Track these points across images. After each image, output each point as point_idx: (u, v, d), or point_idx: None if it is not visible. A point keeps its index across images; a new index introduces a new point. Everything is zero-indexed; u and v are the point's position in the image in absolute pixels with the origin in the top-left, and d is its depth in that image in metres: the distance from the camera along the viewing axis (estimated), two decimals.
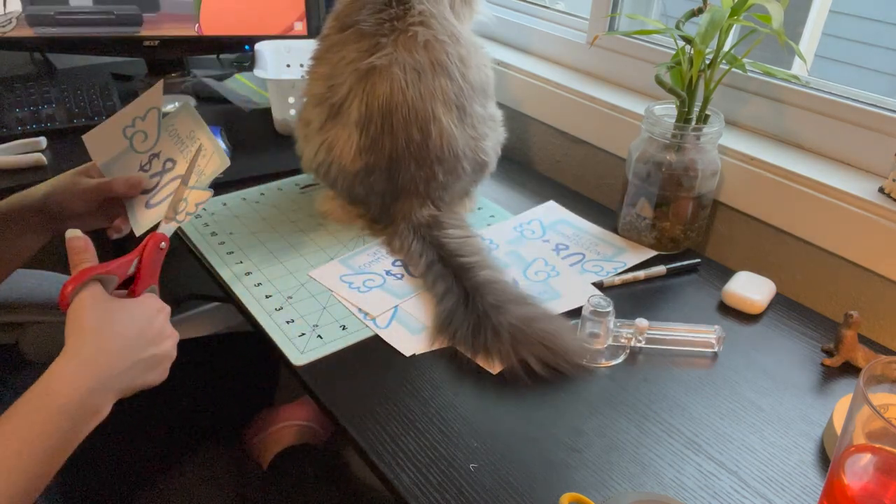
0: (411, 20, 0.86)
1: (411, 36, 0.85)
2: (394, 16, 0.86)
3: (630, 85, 1.11)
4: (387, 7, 0.86)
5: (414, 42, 0.85)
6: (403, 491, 0.60)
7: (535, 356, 0.72)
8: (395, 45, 0.85)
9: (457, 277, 0.80)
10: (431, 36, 0.86)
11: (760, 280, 0.87)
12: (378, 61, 0.85)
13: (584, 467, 0.63)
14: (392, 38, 0.85)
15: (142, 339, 0.62)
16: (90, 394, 0.57)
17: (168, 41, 1.30)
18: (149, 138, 0.76)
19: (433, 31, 0.86)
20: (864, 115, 0.85)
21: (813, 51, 1.23)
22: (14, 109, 1.15)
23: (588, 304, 0.75)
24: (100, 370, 0.58)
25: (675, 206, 0.90)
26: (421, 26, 0.86)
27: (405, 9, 0.86)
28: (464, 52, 0.89)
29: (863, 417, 0.48)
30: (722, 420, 0.68)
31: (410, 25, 0.86)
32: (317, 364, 0.73)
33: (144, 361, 0.62)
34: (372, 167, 0.88)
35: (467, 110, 0.89)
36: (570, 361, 0.73)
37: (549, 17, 1.27)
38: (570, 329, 0.76)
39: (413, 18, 0.86)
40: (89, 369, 0.57)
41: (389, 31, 0.86)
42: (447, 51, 0.87)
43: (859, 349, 0.75)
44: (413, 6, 0.86)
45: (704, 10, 0.83)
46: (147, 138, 0.76)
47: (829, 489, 0.53)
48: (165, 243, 0.69)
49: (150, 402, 0.97)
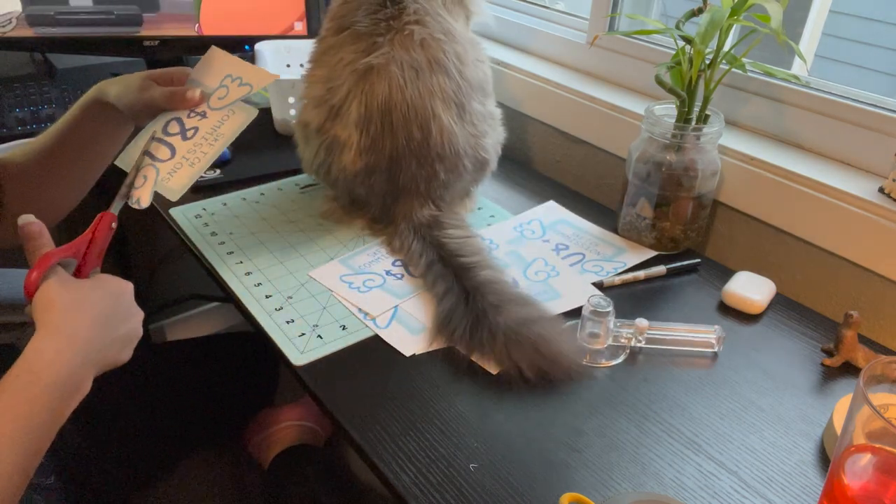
0: (407, 19, 0.86)
1: (407, 34, 0.85)
2: (389, 15, 0.86)
3: (630, 85, 1.11)
4: (381, 7, 0.86)
5: (410, 40, 0.85)
6: (403, 491, 0.60)
7: (528, 359, 0.72)
8: (392, 44, 0.85)
9: (457, 277, 0.80)
10: (427, 34, 0.86)
11: (760, 280, 0.87)
12: (375, 60, 0.85)
13: (584, 467, 0.63)
14: (388, 37, 0.85)
15: (114, 316, 0.63)
16: (73, 370, 0.58)
17: (168, 41, 1.30)
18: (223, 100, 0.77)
19: (429, 29, 0.86)
20: (864, 115, 0.85)
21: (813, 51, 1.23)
22: (14, 109, 1.15)
23: (588, 303, 0.75)
24: (80, 347, 0.59)
25: (675, 206, 0.90)
26: (416, 25, 0.86)
27: (399, 8, 0.86)
28: (460, 49, 0.89)
29: (863, 417, 0.48)
30: (722, 420, 0.68)
31: (406, 24, 0.86)
32: (317, 364, 0.73)
33: (119, 339, 0.63)
34: (372, 167, 0.88)
35: (466, 108, 0.89)
36: (563, 367, 0.72)
37: (549, 17, 1.27)
38: (568, 333, 0.76)
39: (408, 17, 0.86)
40: (70, 346, 0.58)
41: (385, 30, 0.86)
42: (444, 48, 0.87)
43: (859, 349, 0.75)
44: (407, 5, 0.86)
45: (704, 10, 0.83)
46: (223, 99, 0.77)
47: (829, 489, 0.53)
48: (115, 223, 0.69)
49: (149, 403, 0.98)
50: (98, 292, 0.63)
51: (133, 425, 0.93)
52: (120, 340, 0.63)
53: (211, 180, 1.05)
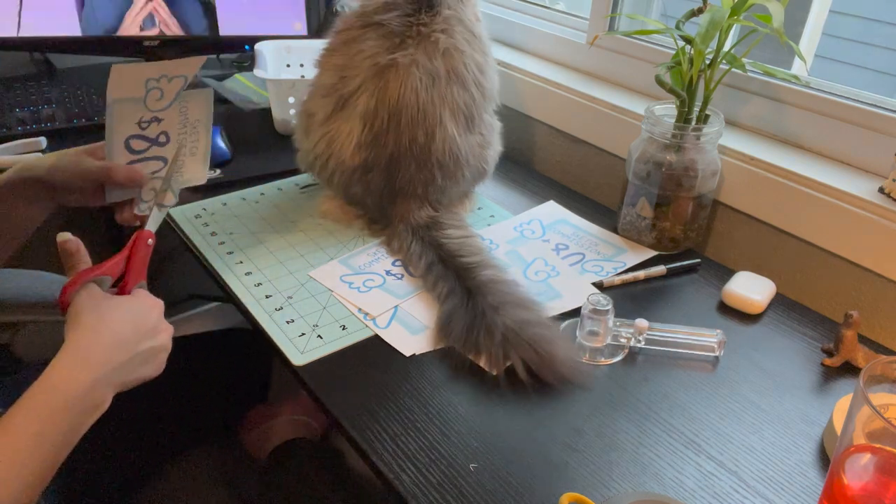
0: (435, 27, 0.87)
1: (433, 41, 0.86)
2: (421, 21, 0.87)
3: (630, 85, 1.11)
4: (416, 12, 0.87)
5: (435, 48, 0.86)
6: (403, 491, 0.60)
7: (524, 361, 0.71)
8: (417, 47, 0.86)
9: (459, 278, 0.80)
10: (452, 44, 0.87)
11: (760, 280, 0.87)
12: (401, 59, 0.85)
13: (584, 467, 0.63)
14: (416, 41, 0.86)
15: (137, 333, 0.64)
16: (91, 388, 0.59)
17: (168, 41, 1.30)
18: (162, 100, 0.75)
19: (454, 39, 0.88)
20: (864, 115, 0.85)
21: (813, 51, 1.23)
22: (14, 109, 1.15)
23: (588, 302, 0.75)
24: (99, 364, 0.60)
25: (675, 206, 0.90)
26: (443, 34, 0.87)
27: (432, 15, 0.87)
28: (480, 59, 0.90)
29: (863, 417, 0.48)
30: (722, 420, 0.68)
31: (434, 31, 0.87)
32: (317, 364, 0.73)
33: (141, 355, 0.64)
34: (371, 164, 0.88)
35: (476, 120, 0.91)
36: (558, 369, 0.72)
37: (549, 17, 1.27)
38: (566, 337, 0.76)
39: (437, 25, 0.87)
40: (88, 364, 0.60)
41: (415, 33, 0.86)
42: (465, 61, 0.88)
43: (859, 349, 0.75)
44: (440, 12, 0.87)
45: (704, 10, 0.83)
46: (161, 98, 0.75)
47: (829, 489, 0.53)
48: (152, 240, 0.71)
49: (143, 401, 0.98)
50: (123, 309, 0.64)
51: (127, 422, 0.93)
52: (141, 356, 0.64)
53: (211, 180, 1.05)
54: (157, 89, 0.74)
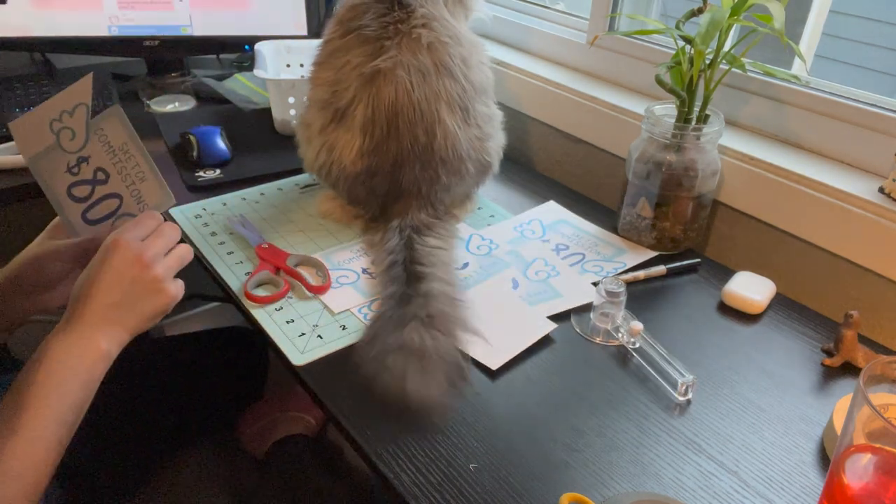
0: (414, 23, 0.86)
1: (415, 38, 0.85)
2: (397, 19, 0.86)
3: (630, 85, 1.11)
4: (390, 11, 0.86)
5: (418, 44, 0.85)
6: (403, 491, 0.60)
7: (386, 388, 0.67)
8: (399, 47, 0.85)
9: (406, 284, 0.79)
10: (434, 38, 0.86)
11: (760, 280, 0.87)
12: (383, 64, 0.85)
13: (584, 467, 0.63)
14: (396, 40, 0.85)
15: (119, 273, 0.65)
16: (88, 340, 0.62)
17: (168, 41, 1.30)
18: (77, 137, 0.71)
19: (436, 32, 0.86)
20: (864, 115, 0.85)
21: (813, 51, 1.23)
22: (14, 109, 1.15)
23: (602, 283, 0.77)
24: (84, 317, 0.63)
25: (675, 206, 0.90)
26: (424, 28, 0.86)
27: (407, 12, 0.86)
28: (465, 52, 0.89)
29: (863, 417, 0.48)
30: (722, 420, 0.68)
31: (414, 28, 0.86)
32: (317, 364, 0.73)
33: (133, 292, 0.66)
34: (375, 169, 0.88)
35: (471, 111, 0.90)
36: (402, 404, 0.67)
37: (549, 17, 1.27)
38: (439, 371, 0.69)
39: (416, 21, 0.86)
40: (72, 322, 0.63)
41: (394, 33, 0.86)
42: (450, 52, 0.87)
43: (859, 349, 0.75)
44: (415, 9, 0.86)
45: (704, 10, 0.83)
46: (75, 137, 0.71)
47: (829, 489, 0.53)
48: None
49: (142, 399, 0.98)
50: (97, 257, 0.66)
51: (127, 419, 0.93)
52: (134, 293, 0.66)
53: (211, 180, 1.05)
54: (66, 129, 0.70)
